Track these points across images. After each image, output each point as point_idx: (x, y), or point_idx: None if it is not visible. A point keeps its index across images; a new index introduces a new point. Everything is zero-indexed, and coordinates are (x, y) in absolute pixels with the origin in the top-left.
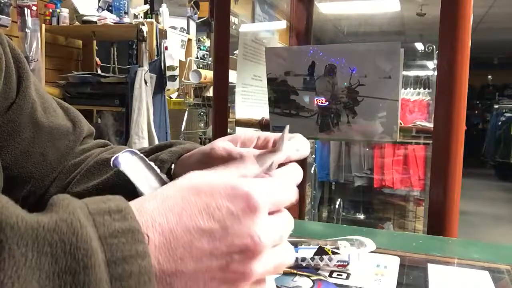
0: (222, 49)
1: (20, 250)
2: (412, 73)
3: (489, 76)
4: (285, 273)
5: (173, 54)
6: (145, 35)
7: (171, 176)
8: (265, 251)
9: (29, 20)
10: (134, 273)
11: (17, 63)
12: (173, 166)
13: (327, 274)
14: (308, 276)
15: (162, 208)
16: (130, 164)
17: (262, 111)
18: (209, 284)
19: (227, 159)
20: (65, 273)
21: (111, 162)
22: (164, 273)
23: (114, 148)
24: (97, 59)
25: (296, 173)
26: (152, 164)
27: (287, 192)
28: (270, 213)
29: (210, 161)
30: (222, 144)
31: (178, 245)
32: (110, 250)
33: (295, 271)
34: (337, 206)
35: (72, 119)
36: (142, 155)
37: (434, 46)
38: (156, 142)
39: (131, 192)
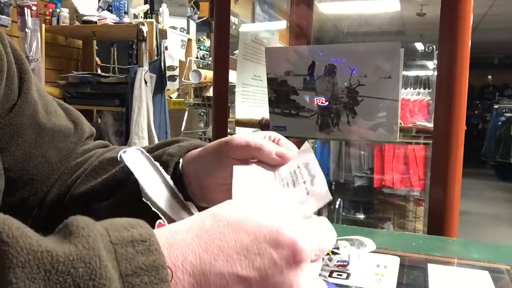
0: (222, 49)
1: None
2: (412, 73)
3: (489, 76)
4: None
5: (173, 54)
6: (145, 35)
7: (179, 171)
8: None
9: (29, 20)
10: None
11: (19, 64)
12: (181, 160)
13: (327, 274)
14: None
15: (196, 243)
16: (136, 160)
17: (262, 111)
18: None
19: (246, 148)
20: None
21: (119, 156)
22: None
23: (117, 148)
24: (97, 59)
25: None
26: (157, 164)
27: (330, 238)
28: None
29: (226, 150)
30: (240, 136)
31: None
32: None
33: None
34: (337, 206)
35: (73, 120)
36: (148, 154)
37: (434, 46)
38: (156, 142)
39: (136, 189)
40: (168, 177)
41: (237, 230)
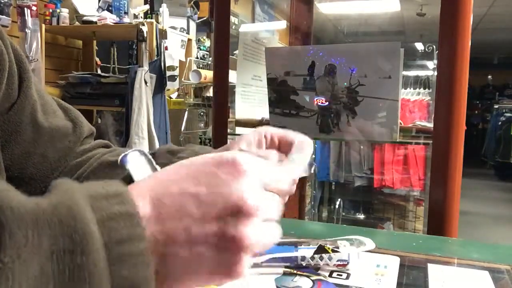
0: (222, 49)
1: (20, 231)
2: (412, 73)
3: (489, 76)
4: (285, 273)
5: (173, 54)
6: (145, 35)
7: None
8: (256, 215)
9: (29, 20)
10: (131, 255)
11: (19, 63)
12: None
13: (327, 274)
14: (308, 276)
15: (152, 181)
16: (136, 164)
17: (262, 111)
18: (203, 255)
19: None
20: (64, 254)
21: (119, 160)
22: (157, 243)
23: (118, 150)
24: (97, 59)
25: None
26: (158, 168)
27: (279, 176)
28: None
29: None
30: (237, 146)
31: (168, 214)
32: (107, 233)
33: (295, 271)
34: (337, 206)
35: (72, 119)
36: (150, 156)
37: (434, 46)
38: (156, 142)
39: None
40: None
41: (188, 165)
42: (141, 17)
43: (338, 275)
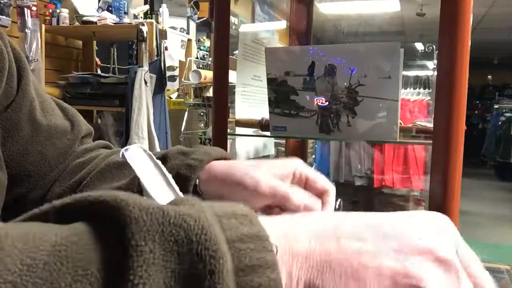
0: (222, 49)
1: (148, 246)
2: (412, 73)
3: (489, 76)
4: None
5: (173, 55)
6: (145, 35)
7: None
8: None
9: (29, 20)
10: (262, 285)
11: (18, 62)
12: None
13: None
14: None
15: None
16: (138, 158)
17: (262, 111)
18: None
19: (272, 198)
20: (191, 275)
21: (121, 154)
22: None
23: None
24: (97, 60)
25: None
26: (159, 162)
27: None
28: None
29: (250, 198)
30: (266, 180)
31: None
32: (237, 256)
33: None
34: (337, 206)
35: (70, 118)
36: (150, 152)
37: (434, 46)
38: (156, 142)
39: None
40: (169, 176)
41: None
42: (141, 17)
43: None
